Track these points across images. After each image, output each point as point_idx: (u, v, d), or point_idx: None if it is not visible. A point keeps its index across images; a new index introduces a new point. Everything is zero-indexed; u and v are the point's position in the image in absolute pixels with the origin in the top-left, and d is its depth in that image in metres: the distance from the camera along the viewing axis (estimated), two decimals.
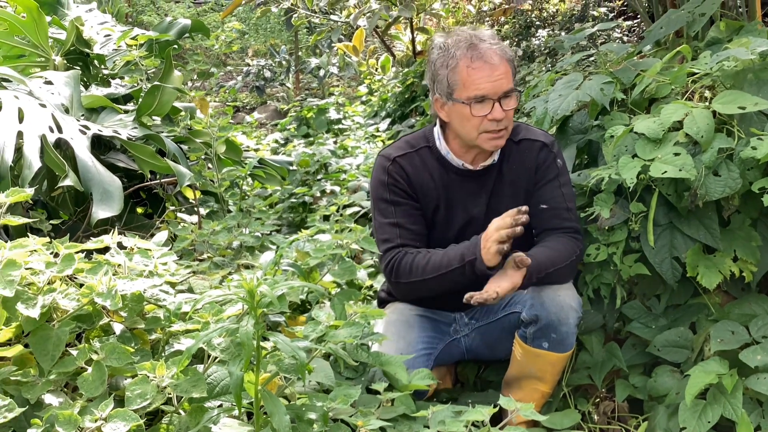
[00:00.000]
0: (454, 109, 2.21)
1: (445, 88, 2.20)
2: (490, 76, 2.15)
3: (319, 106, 6.93)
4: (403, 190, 2.31)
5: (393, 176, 2.31)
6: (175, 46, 3.81)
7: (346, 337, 1.69)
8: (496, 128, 2.19)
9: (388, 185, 2.31)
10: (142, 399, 1.54)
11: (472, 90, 2.16)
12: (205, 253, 2.79)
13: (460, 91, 2.17)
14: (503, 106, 2.17)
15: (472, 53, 2.16)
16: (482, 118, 2.17)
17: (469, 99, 2.16)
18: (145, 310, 1.89)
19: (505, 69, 2.18)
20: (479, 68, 2.15)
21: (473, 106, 2.16)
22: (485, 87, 2.15)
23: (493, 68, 2.16)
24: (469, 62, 2.16)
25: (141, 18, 10.73)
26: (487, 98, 2.15)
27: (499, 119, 2.17)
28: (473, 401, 2.31)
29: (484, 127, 2.19)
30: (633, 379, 2.37)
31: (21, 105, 2.64)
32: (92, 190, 2.49)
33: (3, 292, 1.58)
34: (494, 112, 2.16)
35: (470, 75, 2.16)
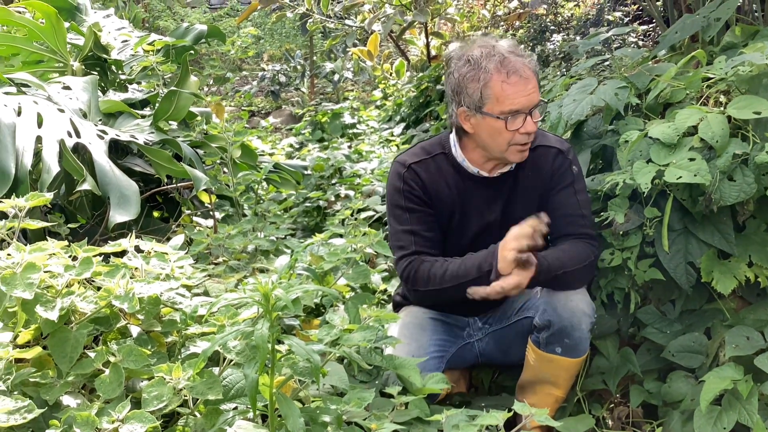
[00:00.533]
0: (483, 123, 2.20)
1: (476, 102, 2.17)
2: (524, 91, 2.14)
3: (334, 111, 6.95)
4: (418, 197, 2.31)
5: (408, 183, 2.31)
6: (192, 52, 3.83)
7: (359, 340, 1.70)
8: (526, 141, 2.20)
9: (404, 192, 2.31)
10: (159, 401, 1.55)
11: (507, 105, 2.14)
12: (220, 257, 2.81)
13: (492, 105, 2.15)
14: (533, 119, 2.17)
15: (506, 68, 2.14)
16: (515, 132, 2.17)
17: (503, 114, 2.15)
18: (161, 313, 1.91)
19: (535, 82, 2.18)
20: (515, 83, 2.14)
21: (508, 121, 2.15)
22: (520, 102, 2.14)
23: (527, 82, 2.15)
24: (504, 77, 2.13)
25: (157, 23, 10.82)
26: (520, 112, 2.15)
27: (531, 132, 2.17)
28: (487, 405, 2.32)
29: (515, 140, 2.18)
30: (647, 385, 2.37)
31: (40, 110, 2.68)
32: (110, 194, 2.52)
33: (22, 295, 1.61)
34: (526, 125, 2.16)
35: (505, 90, 2.13)
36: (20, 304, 1.69)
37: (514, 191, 2.33)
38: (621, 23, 5.37)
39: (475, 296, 2.07)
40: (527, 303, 2.34)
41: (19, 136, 2.49)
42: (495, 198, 2.32)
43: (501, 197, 2.32)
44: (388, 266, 3.29)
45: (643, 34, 5.14)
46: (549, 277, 2.15)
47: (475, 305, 2.45)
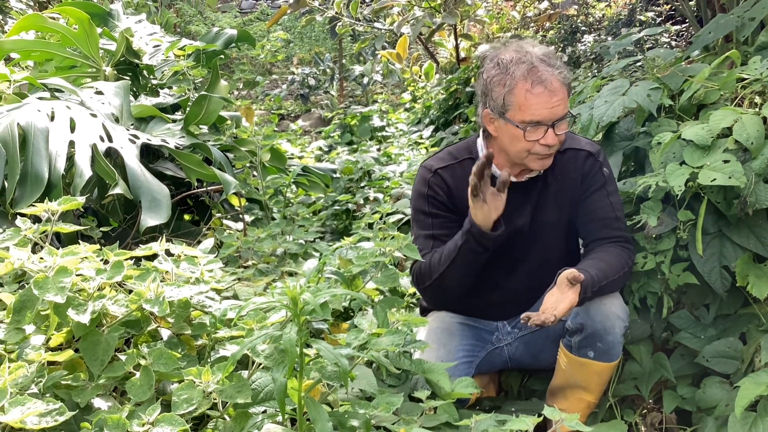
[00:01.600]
0: (505, 128, 2.18)
1: (499, 107, 2.15)
2: (548, 103, 2.10)
3: (363, 114, 6.96)
4: (443, 202, 2.30)
5: (433, 188, 2.30)
6: (222, 56, 3.87)
7: (388, 344, 1.69)
8: (547, 152, 2.17)
9: (428, 197, 2.30)
10: (189, 404, 1.56)
11: (528, 115, 2.11)
12: (250, 260, 2.83)
13: (514, 112, 2.13)
14: (556, 131, 2.13)
15: (532, 77, 2.10)
16: (534, 142, 2.14)
17: (523, 123, 2.12)
18: (191, 317, 1.92)
19: (562, 95, 2.13)
20: (539, 95, 2.10)
21: (527, 131, 2.13)
22: (542, 114, 2.10)
23: (552, 95, 2.10)
24: (529, 87, 2.10)
25: (189, 28, 10.93)
26: (542, 124, 2.12)
27: (552, 145, 2.14)
28: (517, 410, 2.31)
29: (534, 150, 2.16)
30: (681, 390, 2.33)
31: (73, 115, 2.72)
32: (141, 198, 2.54)
33: (54, 299, 1.63)
34: (547, 138, 2.13)
35: (528, 99, 2.10)
36: (52, 308, 1.71)
37: (543, 196, 2.30)
38: (653, 23, 5.30)
39: (530, 324, 2.03)
40: None
41: (52, 141, 2.53)
42: (524, 203, 2.29)
43: (530, 202, 2.30)
44: None
45: (676, 34, 5.07)
46: (594, 290, 2.10)
47: (503, 309, 2.44)
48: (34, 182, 2.40)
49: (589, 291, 2.09)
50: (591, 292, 2.10)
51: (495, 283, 2.36)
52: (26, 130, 2.51)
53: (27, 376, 1.53)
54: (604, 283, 2.13)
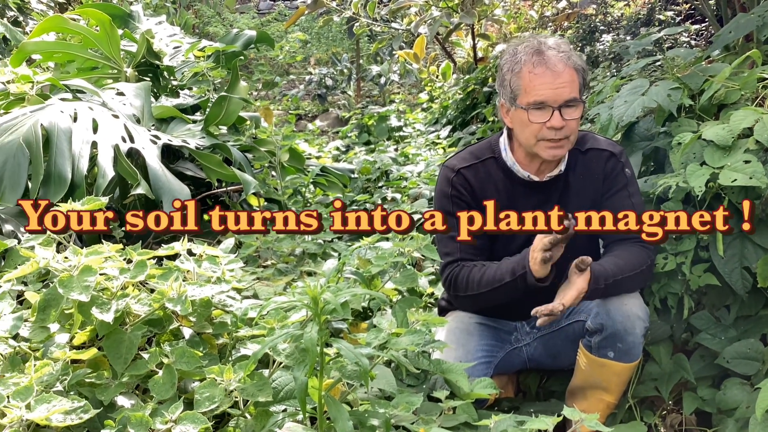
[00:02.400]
0: (516, 115, 2.20)
1: (509, 94, 2.19)
2: (551, 83, 2.11)
3: (380, 114, 6.97)
4: (467, 202, 2.29)
5: (457, 188, 2.30)
6: (242, 57, 3.89)
7: (408, 344, 1.70)
8: (555, 137, 2.15)
9: (452, 197, 2.30)
10: (211, 402, 1.58)
11: (532, 96, 2.13)
12: (269, 260, 2.84)
13: (522, 96, 2.15)
14: (564, 115, 2.13)
15: (536, 59, 2.13)
16: (541, 125, 2.14)
17: (528, 105, 2.14)
18: (212, 316, 1.94)
19: (569, 77, 2.13)
20: (541, 74, 2.12)
21: (531, 112, 2.14)
22: (545, 93, 2.12)
23: (556, 75, 2.12)
24: (532, 68, 2.13)
25: (207, 29, 10.98)
26: (547, 105, 2.12)
27: (558, 127, 2.13)
28: (535, 411, 2.30)
29: (542, 135, 2.15)
30: (701, 392, 2.32)
31: (95, 116, 2.75)
32: (162, 198, 2.57)
33: (79, 297, 1.65)
34: (552, 120, 2.12)
35: (531, 81, 2.13)
36: (76, 306, 1.74)
37: (565, 195, 2.29)
38: (673, 23, 5.27)
39: (539, 317, 2.04)
40: (578, 306, 2.29)
41: (75, 142, 2.56)
42: (545, 203, 2.29)
43: (551, 202, 2.29)
44: (434, 269, 3.28)
45: (696, 33, 5.04)
46: (608, 283, 2.11)
47: (521, 309, 2.43)
48: (57, 182, 2.43)
49: (602, 282, 2.09)
50: (604, 284, 2.09)
51: None
52: (49, 130, 2.54)
53: (52, 374, 1.56)
54: (619, 278, 2.12)
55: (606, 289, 2.12)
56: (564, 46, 2.18)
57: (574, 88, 2.14)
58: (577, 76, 2.16)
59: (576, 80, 2.15)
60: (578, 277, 2.09)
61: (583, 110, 2.21)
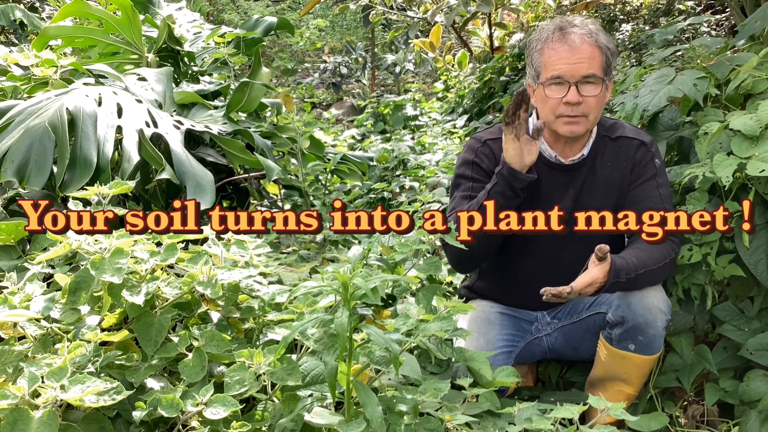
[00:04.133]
0: (538, 92, 2.21)
1: (533, 72, 2.21)
2: (568, 59, 2.12)
3: (396, 103, 6.96)
4: (486, 171, 2.29)
5: (480, 156, 2.31)
6: (263, 44, 3.88)
7: (436, 330, 1.70)
8: (571, 113, 2.15)
9: (473, 164, 2.31)
10: (241, 385, 1.59)
11: (550, 71, 2.14)
12: (290, 247, 2.85)
13: (542, 73, 2.17)
14: (581, 91, 2.12)
15: (556, 35, 2.15)
16: (558, 100, 2.14)
17: (546, 80, 2.15)
18: (239, 300, 1.95)
19: (588, 53, 2.12)
20: (558, 49, 2.13)
21: (548, 87, 2.15)
22: (561, 68, 2.12)
23: (573, 51, 2.12)
24: (551, 44, 2.15)
25: (222, 16, 10.98)
26: (564, 80, 2.12)
27: (573, 102, 2.13)
28: (556, 400, 2.30)
29: (559, 111, 2.16)
30: (723, 383, 2.31)
31: (119, 100, 2.75)
32: (186, 183, 2.57)
33: (111, 279, 1.66)
34: (569, 95, 2.12)
35: (550, 56, 2.14)
36: (106, 289, 1.75)
37: (590, 181, 2.28)
38: (693, 12, 5.22)
39: (545, 296, 2.02)
40: (599, 298, 2.30)
41: (100, 126, 2.57)
42: (567, 186, 2.28)
43: (574, 186, 2.28)
44: None
45: (716, 23, 5.00)
46: (630, 276, 2.08)
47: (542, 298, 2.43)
48: (83, 166, 2.44)
49: (623, 275, 2.06)
50: (626, 278, 2.07)
51: (535, 269, 2.35)
52: (75, 114, 2.55)
53: (85, 355, 1.57)
54: (641, 272, 2.10)
55: (627, 283, 2.09)
56: (590, 26, 2.18)
57: (594, 65, 2.13)
58: (599, 53, 2.14)
59: (597, 57, 2.14)
60: (596, 266, 2.06)
61: (607, 90, 2.19)
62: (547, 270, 2.34)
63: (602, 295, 2.26)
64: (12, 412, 1.42)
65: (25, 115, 2.54)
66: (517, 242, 2.30)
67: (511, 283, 2.43)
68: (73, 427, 1.53)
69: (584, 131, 2.21)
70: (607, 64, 2.16)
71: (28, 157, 2.41)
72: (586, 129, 2.21)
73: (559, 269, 2.31)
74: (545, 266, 2.35)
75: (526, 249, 2.33)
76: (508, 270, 2.41)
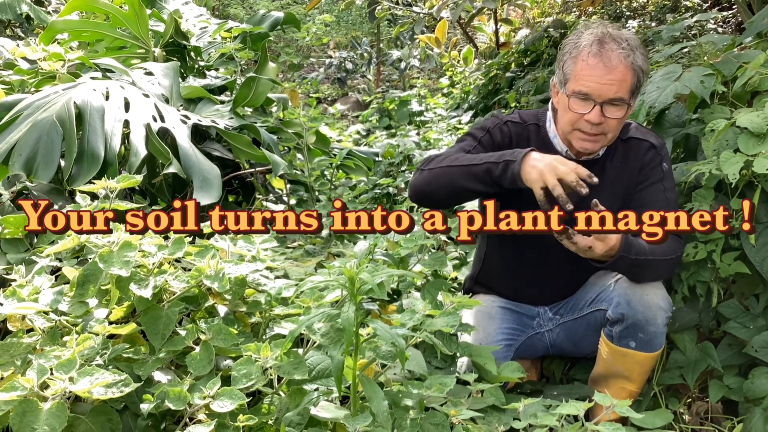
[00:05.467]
0: (561, 98, 2.18)
1: (562, 75, 2.17)
2: (600, 78, 2.07)
3: (402, 98, 6.96)
4: (495, 144, 2.26)
5: (496, 130, 2.28)
6: (270, 38, 3.89)
7: (442, 326, 1.71)
8: (590, 131, 2.13)
9: (487, 131, 2.28)
10: (248, 379, 1.60)
11: (579, 84, 2.10)
12: (296, 241, 2.86)
13: (570, 82, 2.13)
14: (605, 113, 2.09)
15: (594, 49, 2.09)
16: (580, 115, 2.11)
17: (572, 92, 2.11)
18: (245, 294, 1.96)
19: (621, 76, 2.07)
20: (593, 66, 2.08)
21: (573, 100, 2.12)
22: (591, 86, 2.08)
23: (608, 70, 2.07)
24: (586, 56, 2.09)
25: (227, 11, 10.98)
26: (590, 98, 2.09)
27: (594, 122, 2.10)
28: (559, 394, 2.31)
29: (578, 125, 2.14)
30: (728, 380, 2.31)
31: (126, 94, 2.76)
32: (193, 177, 2.58)
33: (119, 272, 1.67)
34: (591, 114, 2.09)
35: (582, 69, 2.09)
36: (114, 282, 1.76)
37: (599, 181, 2.26)
38: (700, 9, 5.21)
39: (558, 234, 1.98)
40: (600, 295, 2.29)
41: (107, 120, 2.57)
42: None
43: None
44: (458, 254, 3.29)
45: (723, 20, 4.99)
46: (638, 260, 2.07)
47: (545, 294, 2.43)
48: (90, 160, 2.44)
49: (633, 252, 2.05)
50: (635, 256, 2.06)
51: (539, 263, 2.35)
52: (82, 108, 2.56)
53: (93, 347, 1.58)
54: (650, 258, 2.09)
55: (634, 264, 2.08)
56: (631, 42, 2.11)
57: (623, 88, 2.09)
58: (631, 76, 2.09)
59: (628, 80, 2.09)
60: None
61: (629, 109, 2.15)
62: (550, 264, 2.34)
63: (603, 291, 2.27)
64: (21, 403, 1.43)
65: (32, 109, 2.54)
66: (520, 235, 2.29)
67: (514, 276, 2.43)
68: (80, 419, 1.54)
69: (598, 149, 2.21)
70: (637, 86, 2.12)
71: (35, 151, 2.42)
72: (602, 147, 2.20)
73: (563, 263, 2.31)
74: (549, 260, 2.34)
75: (529, 242, 2.32)
76: (511, 263, 2.42)
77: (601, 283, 2.29)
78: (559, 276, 2.38)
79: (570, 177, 1.95)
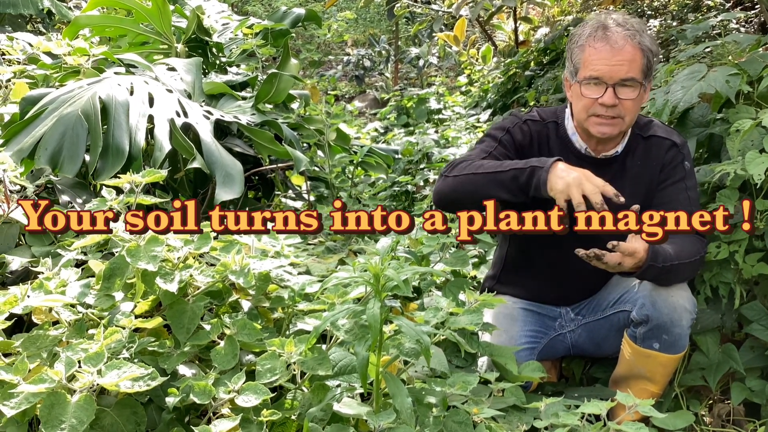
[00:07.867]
0: (574, 89, 2.19)
1: (572, 67, 2.18)
2: (608, 59, 2.08)
3: (420, 96, 6.95)
4: (516, 144, 2.26)
5: (516, 130, 2.27)
6: (291, 35, 3.89)
7: (466, 323, 1.71)
8: (606, 113, 2.12)
9: (507, 131, 2.27)
10: (272, 374, 1.60)
11: (589, 70, 2.11)
12: (317, 238, 2.86)
13: (581, 70, 2.14)
14: (618, 94, 2.09)
15: (599, 33, 2.11)
16: (593, 100, 2.12)
17: (584, 78, 2.12)
18: (268, 290, 1.96)
19: (630, 56, 2.09)
20: (599, 49, 2.10)
21: (585, 86, 2.12)
22: (600, 69, 2.09)
23: (615, 51, 2.08)
24: (592, 41, 2.11)
25: (246, 8, 11.00)
26: (602, 81, 2.09)
27: (609, 105, 2.10)
28: (580, 395, 2.30)
29: (593, 110, 2.13)
30: (750, 383, 2.29)
31: (150, 90, 2.77)
32: (216, 172, 2.59)
33: (146, 267, 1.68)
34: (605, 97, 2.09)
35: (590, 54, 2.11)
36: (140, 276, 1.77)
37: (619, 179, 2.24)
38: (722, 8, 5.17)
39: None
40: (624, 296, 2.28)
41: (132, 115, 2.59)
42: None
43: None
44: (477, 252, 3.28)
45: (745, 20, 4.94)
46: (666, 265, 2.05)
47: (567, 294, 2.42)
48: (115, 154, 2.46)
49: (660, 260, 2.03)
50: (662, 264, 2.04)
51: (561, 263, 2.34)
52: (107, 103, 2.58)
53: (120, 341, 1.59)
54: (676, 263, 2.08)
55: (661, 271, 2.06)
56: (635, 25, 2.13)
57: (634, 68, 2.10)
58: (641, 56, 2.10)
59: (638, 60, 2.10)
60: (636, 241, 2.02)
61: (645, 92, 2.16)
62: (573, 264, 2.33)
63: (627, 292, 2.25)
64: (49, 396, 1.44)
65: (58, 103, 2.57)
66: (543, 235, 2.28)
67: (537, 276, 2.43)
68: (106, 412, 1.55)
69: (617, 133, 2.19)
70: (647, 67, 2.12)
71: (61, 145, 2.44)
72: (620, 131, 2.19)
73: (585, 264, 2.29)
74: (571, 261, 2.33)
75: (552, 242, 2.31)
76: (532, 264, 2.41)
77: (624, 283, 2.28)
78: (582, 276, 2.36)
79: (596, 198, 1.94)
